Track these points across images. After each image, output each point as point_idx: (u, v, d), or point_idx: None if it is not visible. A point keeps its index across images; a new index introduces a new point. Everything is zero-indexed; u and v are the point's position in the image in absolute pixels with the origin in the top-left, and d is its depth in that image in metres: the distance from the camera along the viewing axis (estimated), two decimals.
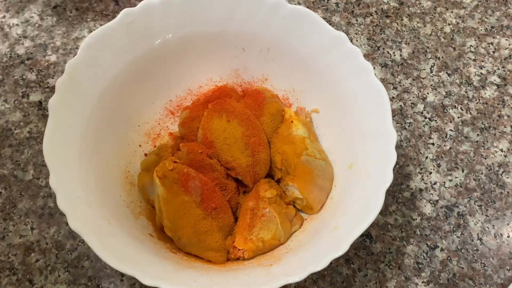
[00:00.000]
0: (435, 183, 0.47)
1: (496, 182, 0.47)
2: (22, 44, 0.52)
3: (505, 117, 0.51)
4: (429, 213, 0.46)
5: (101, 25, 0.47)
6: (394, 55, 0.54)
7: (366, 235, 0.44)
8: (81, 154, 0.38)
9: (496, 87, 0.53)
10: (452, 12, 0.57)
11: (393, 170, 0.36)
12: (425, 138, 0.49)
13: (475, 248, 0.44)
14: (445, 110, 0.51)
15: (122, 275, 0.41)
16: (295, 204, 0.42)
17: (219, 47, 0.45)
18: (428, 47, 0.55)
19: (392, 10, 0.57)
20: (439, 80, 0.53)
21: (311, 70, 0.43)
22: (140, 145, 0.44)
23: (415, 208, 0.46)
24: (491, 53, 0.55)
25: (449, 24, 0.57)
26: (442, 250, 0.44)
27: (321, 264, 0.33)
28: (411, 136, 0.49)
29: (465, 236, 0.45)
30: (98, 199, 0.37)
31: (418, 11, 0.57)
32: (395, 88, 0.52)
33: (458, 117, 0.51)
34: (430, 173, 0.47)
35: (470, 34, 0.56)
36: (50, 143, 0.36)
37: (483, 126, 0.50)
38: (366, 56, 0.54)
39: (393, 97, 0.51)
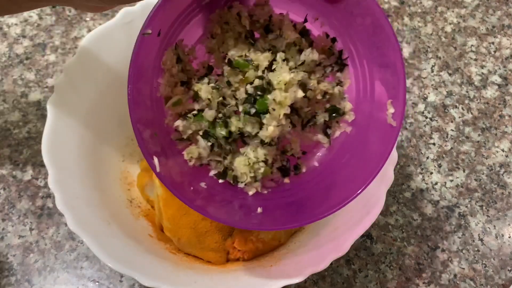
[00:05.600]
0: (436, 184, 0.47)
1: (497, 182, 0.47)
2: (21, 43, 0.52)
3: (507, 117, 0.51)
4: (430, 214, 0.45)
5: (100, 24, 0.47)
6: None
7: (367, 235, 0.44)
8: (80, 154, 0.38)
9: (497, 86, 0.52)
10: (453, 11, 0.57)
11: (394, 170, 0.36)
12: (426, 138, 0.49)
13: (476, 249, 0.44)
14: (446, 110, 0.51)
15: (121, 276, 0.41)
16: None
17: None
18: (429, 46, 0.55)
19: (393, 10, 0.57)
20: (440, 80, 0.52)
21: None
22: None
23: (416, 209, 0.45)
24: (492, 52, 0.54)
25: (450, 24, 0.56)
26: (443, 250, 0.44)
27: (321, 265, 0.33)
28: (412, 136, 0.49)
29: (466, 237, 0.45)
30: (97, 200, 0.37)
31: (419, 10, 0.57)
32: None
33: (459, 117, 0.50)
34: (431, 173, 0.47)
35: (471, 34, 0.56)
36: (49, 143, 0.36)
37: (484, 126, 0.50)
38: None
39: None
